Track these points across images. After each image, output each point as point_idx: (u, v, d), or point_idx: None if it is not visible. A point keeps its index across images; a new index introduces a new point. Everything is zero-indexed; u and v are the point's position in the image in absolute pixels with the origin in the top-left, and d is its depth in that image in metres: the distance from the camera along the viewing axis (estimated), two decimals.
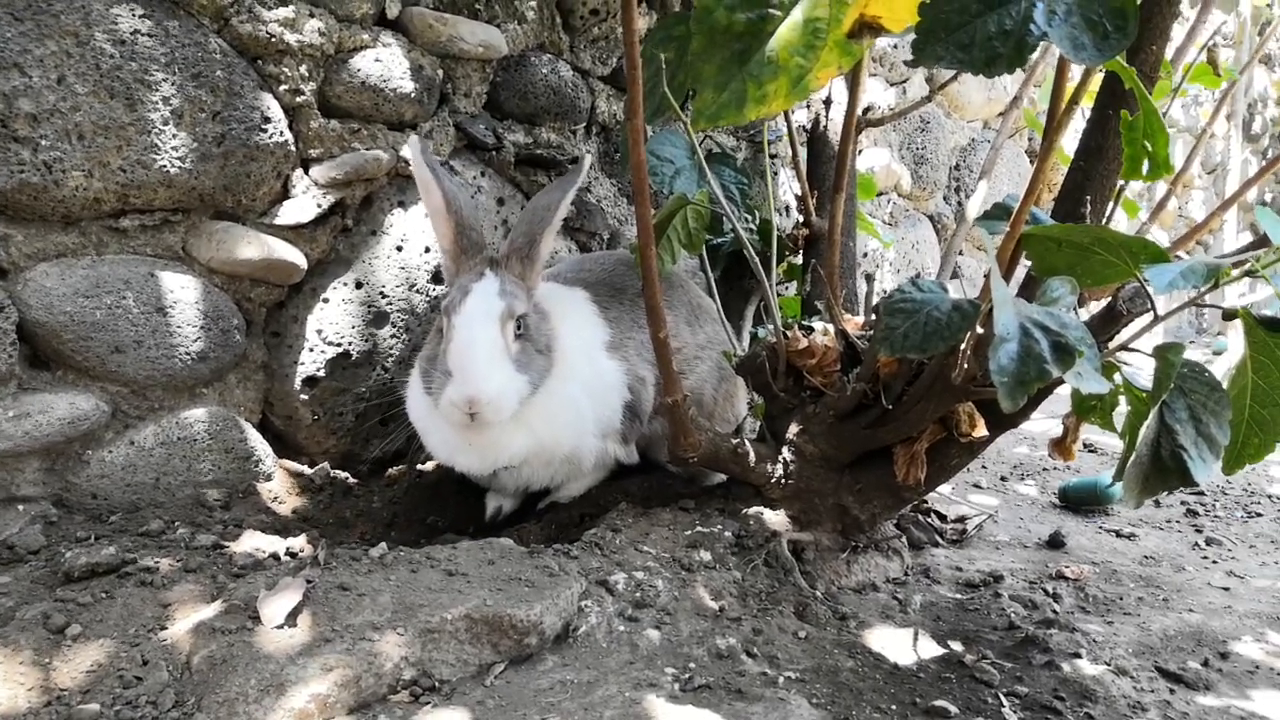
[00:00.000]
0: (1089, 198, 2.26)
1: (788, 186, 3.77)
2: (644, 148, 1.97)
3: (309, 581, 1.84)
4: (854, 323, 2.40)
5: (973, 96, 4.91)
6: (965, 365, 2.02)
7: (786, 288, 3.47)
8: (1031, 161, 5.77)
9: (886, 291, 2.11)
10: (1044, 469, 3.50)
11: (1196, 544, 2.82)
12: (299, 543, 2.17)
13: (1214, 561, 2.69)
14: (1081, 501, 3.07)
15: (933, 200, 4.86)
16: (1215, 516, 3.05)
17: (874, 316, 2.24)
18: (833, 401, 2.32)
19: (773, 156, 3.72)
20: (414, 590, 1.86)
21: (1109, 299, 2.09)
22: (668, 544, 2.27)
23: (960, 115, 4.98)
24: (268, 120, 2.38)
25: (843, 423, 2.33)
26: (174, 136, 2.24)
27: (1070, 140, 2.27)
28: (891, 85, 4.22)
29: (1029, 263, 1.92)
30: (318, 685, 1.57)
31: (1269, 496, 3.21)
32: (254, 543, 2.16)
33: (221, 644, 1.66)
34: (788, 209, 3.78)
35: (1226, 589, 2.47)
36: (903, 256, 4.48)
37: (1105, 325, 2.07)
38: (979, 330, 1.87)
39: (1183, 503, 3.22)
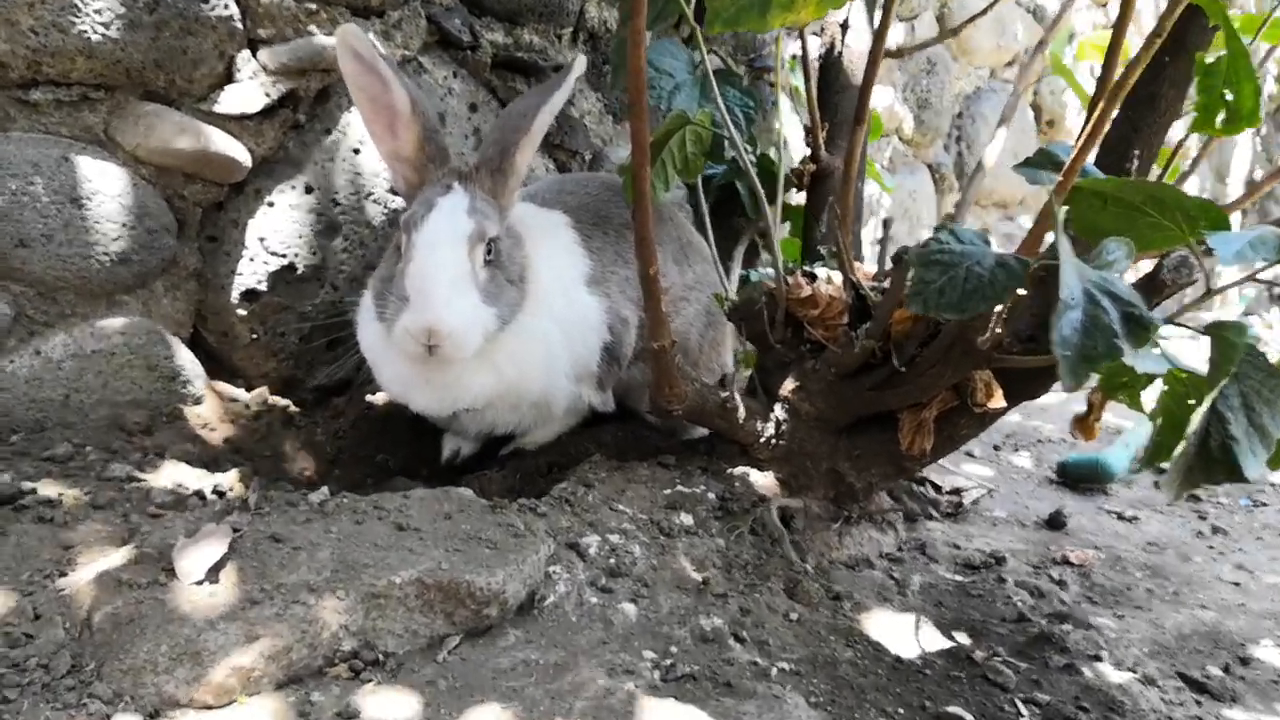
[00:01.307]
0: (1136, 152, 2.03)
1: (786, 118, 3.49)
2: (644, 53, 1.71)
3: (236, 530, 1.59)
4: (864, 272, 2.16)
5: (983, 41, 4.63)
6: (997, 330, 1.81)
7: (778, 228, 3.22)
8: (1039, 117, 5.53)
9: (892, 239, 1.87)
10: (1039, 440, 3.33)
11: (1201, 532, 2.68)
12: (228, 480, 1.90)
13: (1221, 553, 2.54)
14: (1081, 479, 2.90)
15: (933, 148, 4.60)
16: (1219, 504, 2.91)
17: (890, 266, 2.00)
18: (836, 358, 2.10)
19: (771, 85, 3.43)
20: (358, 546, 1.62)
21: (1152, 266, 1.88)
22: (645, 504, 2.04)
23: (968, 60, 4.70)
24: None
25: (845, 382, 2.12)
26: None
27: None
28: (900, 20, 3.95)
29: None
30: (240, 656, 1.36)
31: (1274, 485, 3.07)
32: (176, 476, 1.90)
33: (129, 600, 1.43)
34: (785, 142, 3.50)
35: (1237, 584, 2.34)
36: (898, 205, 4.22)
37: (1146, 296, 1.85)
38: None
39: None
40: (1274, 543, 2.63)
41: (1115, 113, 1.58)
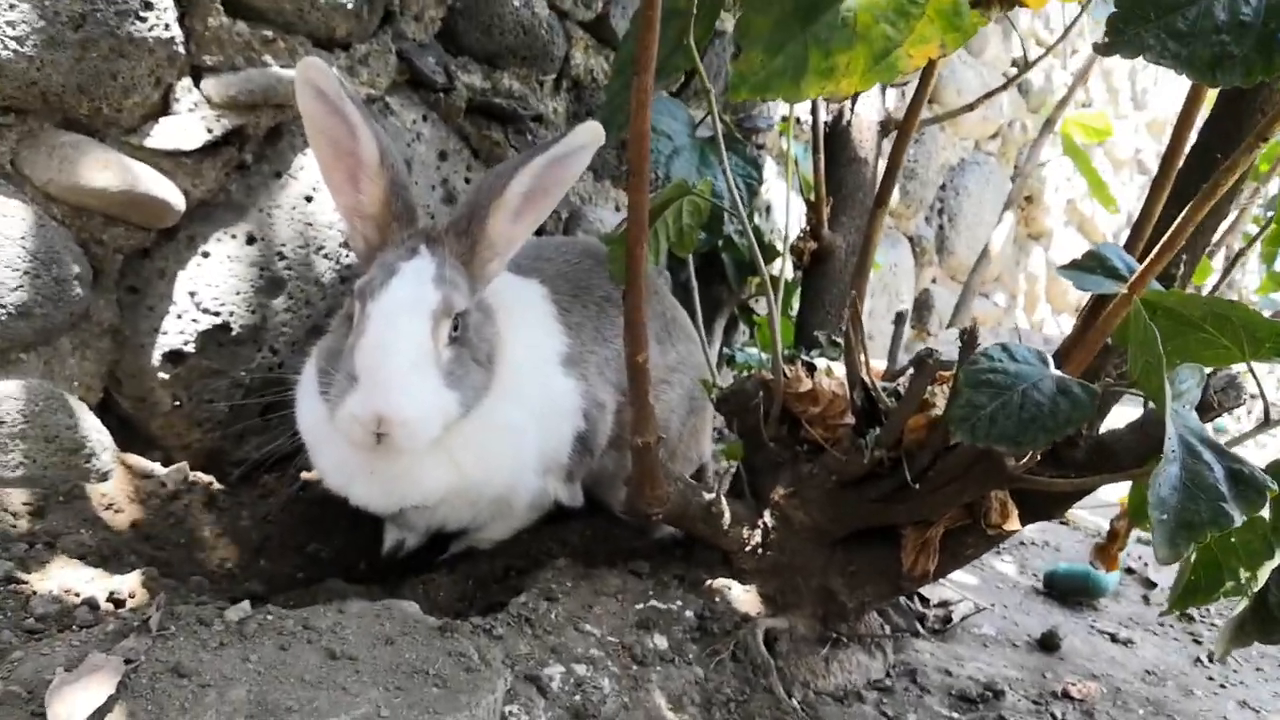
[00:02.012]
0: (1184, 257, 1.85)
1: (769, 184, 3.30)
2: (649, 115, 1.49)
3: (130, 661, 1.31)
4: (875, 371, 1.95)
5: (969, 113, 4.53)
6: (1037, 454, 1.60)
7: (756, 300, 3.01)
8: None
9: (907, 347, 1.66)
10: (1021, 543, 3.13)
11: (1199, 659, 2.49)
12: (128, 584, 1.61)
13: (1222, 685, 2.36)
14: (1070, 592, 2.70)
15: (915, 220, 4.45)
16: (1213, 625, 2.72)
17: (912, 370, 1.79)
18: (837, 464, 1.88)
19: (759, 147, 3.24)
20: (282, 681, 1.36)
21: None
22: (615, 622, 1.80)
23: (954, 131, 4.58)
24: (149, 6, 1.79)
25: (845, 491, 1.90)
26: (11, 8, 1.64)
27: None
28: (894, 85, 3.79)
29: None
30: None
31: None
32: (65, 577, 1.60)
33: None
34: (768, 209, 3.30)
35: None
36: (878, 279, 4.05)
37: None
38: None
39: None
40: (1275, 674, 2.46)
41: (1200, 217, 1.38)
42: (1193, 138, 1.89)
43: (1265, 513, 1.43)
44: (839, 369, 1.99)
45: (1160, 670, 2.38)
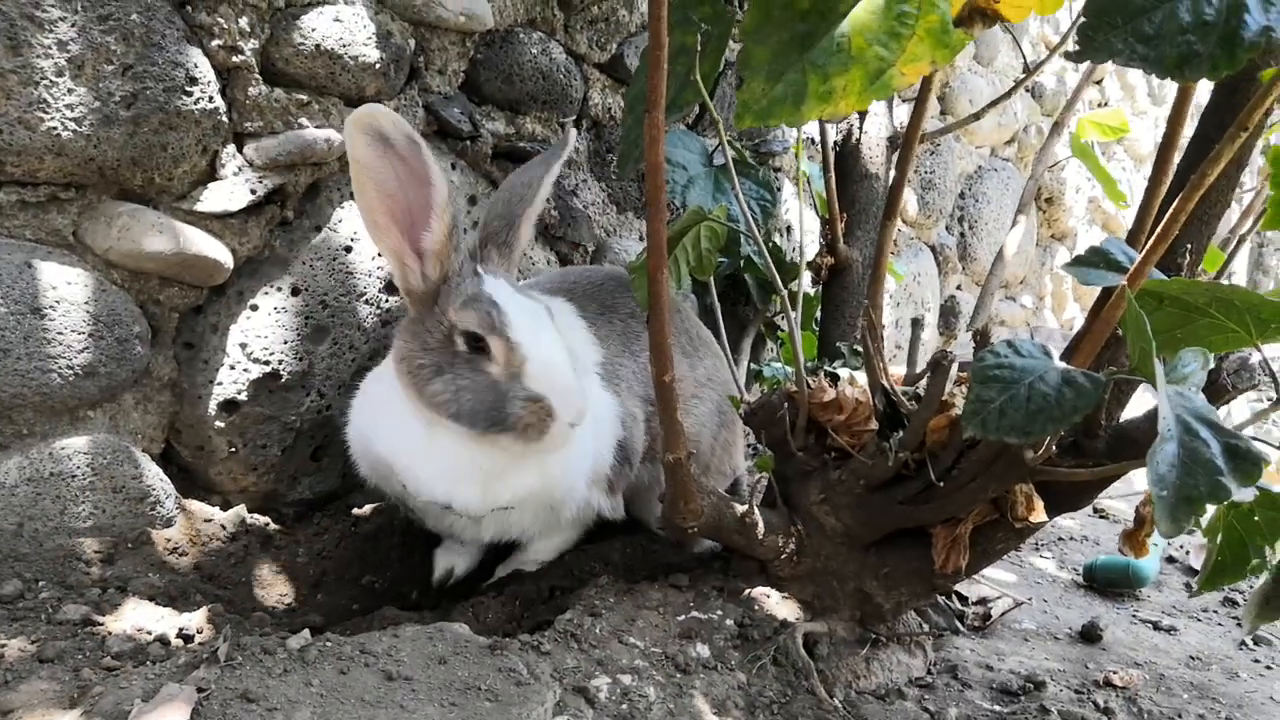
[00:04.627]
0: (1188, 246, 1.90)
1: (788, 205, 3.38)
2: (663, 149, 1.58)
3: (201, 689, 1.40)
4: (895, 376, 2.01)
5: (984, 120, 4.58)
6: (1053, 446, 1.66)
7: (780, 317, 3.08)
8: (1037, 195, 5.40)
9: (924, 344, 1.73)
10: (1059, 539, 3.15)
11: (1244, 643, 2.49)
12: (196, 621, 1.71)
13: (1268, 667, 2.36)
14: (1110, 583, 2.72)
15: (936, 229, 4.51)
16: None
17: (929, 373, 1.86)
18: (864, 469, 1.94)
19: (776, 170, 3.32)
20: (342, 702, 1.44)
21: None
22: (658, 634, 1.87)
23: (970, 140, 4.64)
24: (194, 81, 1.91)
25: (874, 495, 1.95)
26: (69, 92, 1.76)
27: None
28: (904, 101, 3.86)
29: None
30: None
31: None
32: (137, 617, 1.70)
33: None
34: (788, 229, 3.38)
35: None
36: (902, 289, 4.12)
37: None
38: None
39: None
40: None
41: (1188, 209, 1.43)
42: (1191, 129, 1.95)
43: None
44: (861, 377, 2.05)
45: (1204, 655, 2.38)
